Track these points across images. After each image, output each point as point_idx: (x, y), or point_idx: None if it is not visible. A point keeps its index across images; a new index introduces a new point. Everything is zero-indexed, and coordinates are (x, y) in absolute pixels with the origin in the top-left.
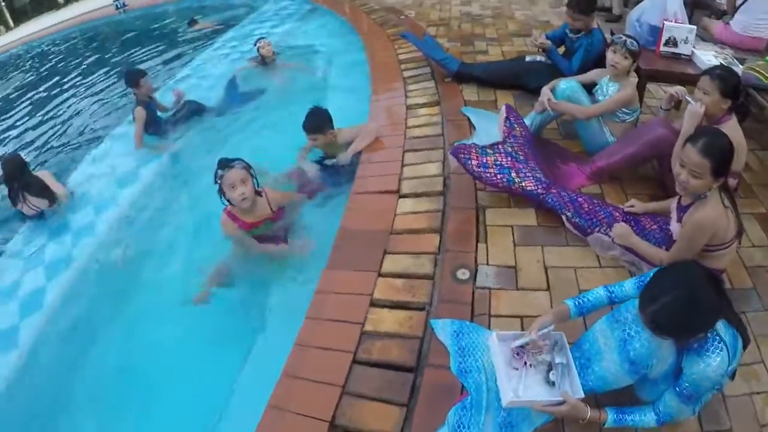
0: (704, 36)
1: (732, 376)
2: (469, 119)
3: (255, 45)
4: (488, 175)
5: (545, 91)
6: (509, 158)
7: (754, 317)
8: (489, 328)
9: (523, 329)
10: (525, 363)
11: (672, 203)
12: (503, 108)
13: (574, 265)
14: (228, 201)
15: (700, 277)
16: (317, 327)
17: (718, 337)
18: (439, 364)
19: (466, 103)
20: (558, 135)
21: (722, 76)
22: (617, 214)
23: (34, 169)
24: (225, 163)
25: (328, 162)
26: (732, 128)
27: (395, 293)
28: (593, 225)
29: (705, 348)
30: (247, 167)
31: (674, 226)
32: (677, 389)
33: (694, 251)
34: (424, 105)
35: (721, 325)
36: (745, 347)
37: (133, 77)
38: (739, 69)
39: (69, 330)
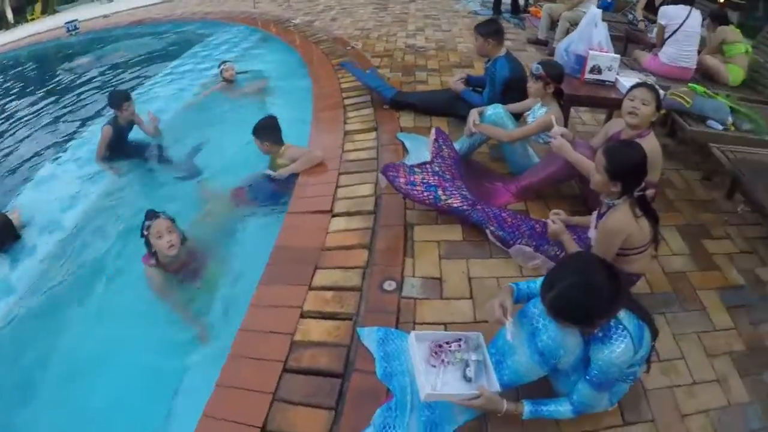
0: (634, 67)
1: (648, 368)
2: (403, 144)
3: (219, 68)
4: (415, 192)
5: (472, 113)
6: (436, 177)
7: (674, 318)
8: None
9: None
10: (443, 361)
11: (593, 215)
12: (433, 131)
13: (497, 275)
14: (154, 254)
15: (594, 266)
16: (250, 338)
17: (621, 326)
18: (366, 369)
19: (402, 129)
20: (488, 158)
21: (654, 87)
22: (538, 226)
23: None
24: (152, 215)
25: (266, 172)
26: (650, 141)
27: (324, 305)
28: (515, 237)
29: (609, 336)
30: (172, 219)
31: (592, 233)
32: (587, 378)
33: (611, 254)
34: (361, 131)
35: (624, 314)
36: (654, 338)
37: (117, 99)
38: (660, 93)
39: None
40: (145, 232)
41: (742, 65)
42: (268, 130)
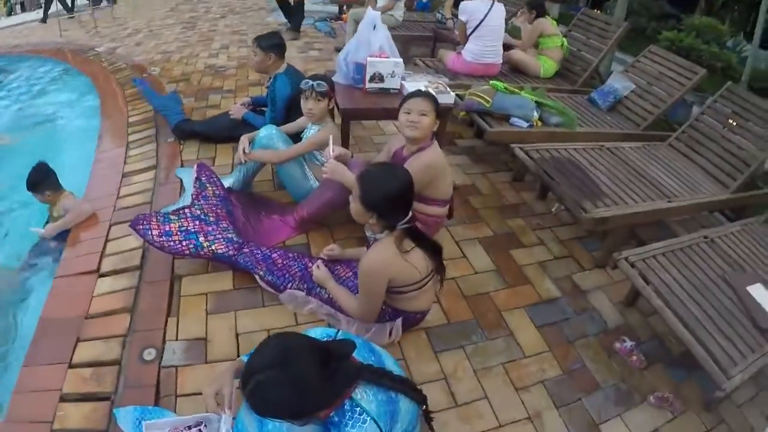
0: (438, 68)
1: (429, 426)
2: (181, 181)
3: None
4: (172, 243)
5: (242, 140)
6: (197, 222)
7: (475, 350)
8: (175, 409)
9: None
10: None
11: (365, 248)
12: (194, 168)
13: (269, 327)
14: None
15: (299, 351)
16: None
17: (358, 408)
18: None
19: (183, 164)
20: (272, 186)
21: (431, 94)
22: (311, 265)
23: None
24: None
25: (34, 230)
26: (434, 153)
27: (83, 385)
28: (286, 281)
29: (343, 422)
30: None
31: None
32: None
33: (376, 297)
34: (140, 171)
35: (362, 392)
36: (421, 404)
37: None
38: (450, 96)
39: None
40: None
41: (555, 58)
42: (42, 179)
